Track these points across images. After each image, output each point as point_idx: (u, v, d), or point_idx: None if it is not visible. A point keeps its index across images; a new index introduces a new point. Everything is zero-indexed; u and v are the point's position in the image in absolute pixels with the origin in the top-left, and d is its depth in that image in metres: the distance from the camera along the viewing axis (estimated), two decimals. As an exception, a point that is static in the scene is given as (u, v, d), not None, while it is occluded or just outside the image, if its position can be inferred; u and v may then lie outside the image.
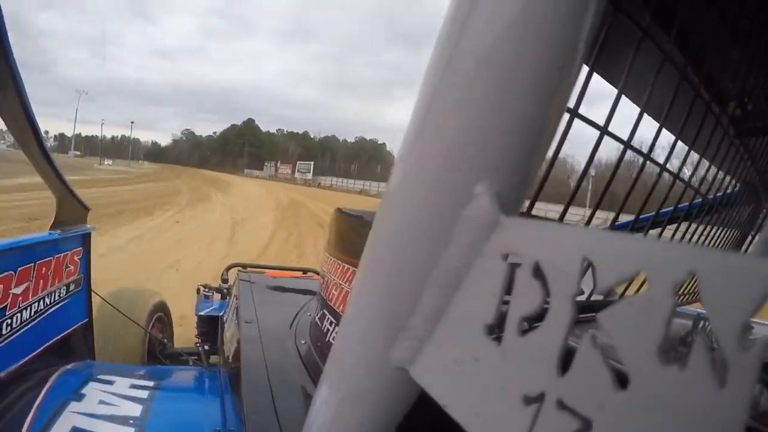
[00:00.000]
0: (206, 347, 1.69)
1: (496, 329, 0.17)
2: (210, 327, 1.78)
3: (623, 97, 0.36)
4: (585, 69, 0.30)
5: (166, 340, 1.79)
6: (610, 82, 0.42)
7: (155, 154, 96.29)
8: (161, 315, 1.80)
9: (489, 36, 0.17)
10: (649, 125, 0.42)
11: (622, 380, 0.12)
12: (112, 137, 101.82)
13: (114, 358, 1.45)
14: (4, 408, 0.80)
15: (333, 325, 0.75)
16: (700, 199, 0.51)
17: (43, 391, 0.84)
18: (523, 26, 0.17)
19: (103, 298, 1.48)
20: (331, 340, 0.74)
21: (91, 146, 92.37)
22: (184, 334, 2.11)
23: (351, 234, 0.79)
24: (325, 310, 0.80)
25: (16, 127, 0.91)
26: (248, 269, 1.84)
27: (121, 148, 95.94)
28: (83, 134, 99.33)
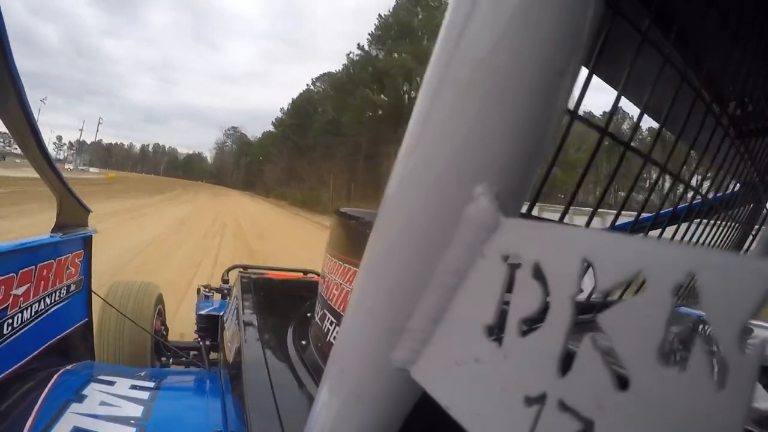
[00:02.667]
0: (207, 342, 1.71)
1: (496, 330, 0.17)
2: (210, 324, 1.80)
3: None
4: (585, 70, 0.31)
5: (165, 334, 1.82)
6: (611, 84, 0.42)
7: (185, 165, 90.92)
8: (161, 308, 1.83)
9: (487, 39, 0.18)
10: (650, 124, 0.42)
11: (622, 381, 0.12)
12: (143, 146, 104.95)
13: (122, 359, 1.46)
14: (5, 409, 0.80)
15: (333, 325, 0.75)
16: (700, 200, 0.51)
17: (44, 392, 0.84)
18: (521, 30, 0.17)
19: (104, 300, 1.49)
20: (331, 340, 0.75)
21: (114, 155, 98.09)
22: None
23: (351, 234, 0.79)
24: (325, 310, 0.80)
25: (17, 130, 0.91)
26: (249, 270, 1.84)
27: (148, 159, 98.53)
28: (104, 142, 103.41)
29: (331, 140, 31.26)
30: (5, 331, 0.89)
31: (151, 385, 0.97)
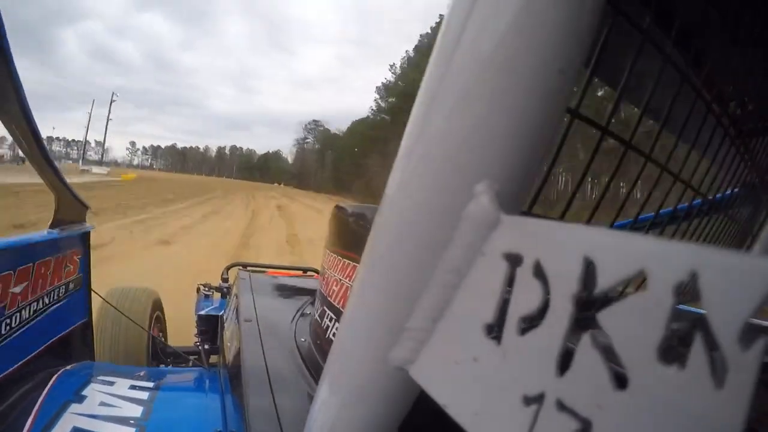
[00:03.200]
0: (206, 346, 1.70)
1: (495, 329, 0.16)
2: (209, 326, 1.79)
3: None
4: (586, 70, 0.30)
5: (164, 339, 1.81)
6: (610, 84, 0.42)
7: (261, 166, 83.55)
8: (159, 314, 1.81)
9: (488, 38, 0.18)
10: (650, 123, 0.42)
11: (621, 380, 0.12)
12: (219, 149, 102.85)
13: (118, 359, 1.46)
14: (4, 410, 0.80)
15: (333, 322, 0.75)
16: (700, 200, 0.51)
17: (43, 393, 0.84)
18: (522, 28, 0.17)
19: (104, 299, 1.49)
20: (331, 337, 0.75)
21: (189, 159, 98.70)
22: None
23: (351, 230, 0.79)
24: (325, 307, 0.80)
25: (17, 129, 0.91)
26: (248, 268, 1.84)
27: (225, 161, 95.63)
28: (178, 146, 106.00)
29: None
30: (3, 331, 0.88)
31: (151, 385, 0.97)
